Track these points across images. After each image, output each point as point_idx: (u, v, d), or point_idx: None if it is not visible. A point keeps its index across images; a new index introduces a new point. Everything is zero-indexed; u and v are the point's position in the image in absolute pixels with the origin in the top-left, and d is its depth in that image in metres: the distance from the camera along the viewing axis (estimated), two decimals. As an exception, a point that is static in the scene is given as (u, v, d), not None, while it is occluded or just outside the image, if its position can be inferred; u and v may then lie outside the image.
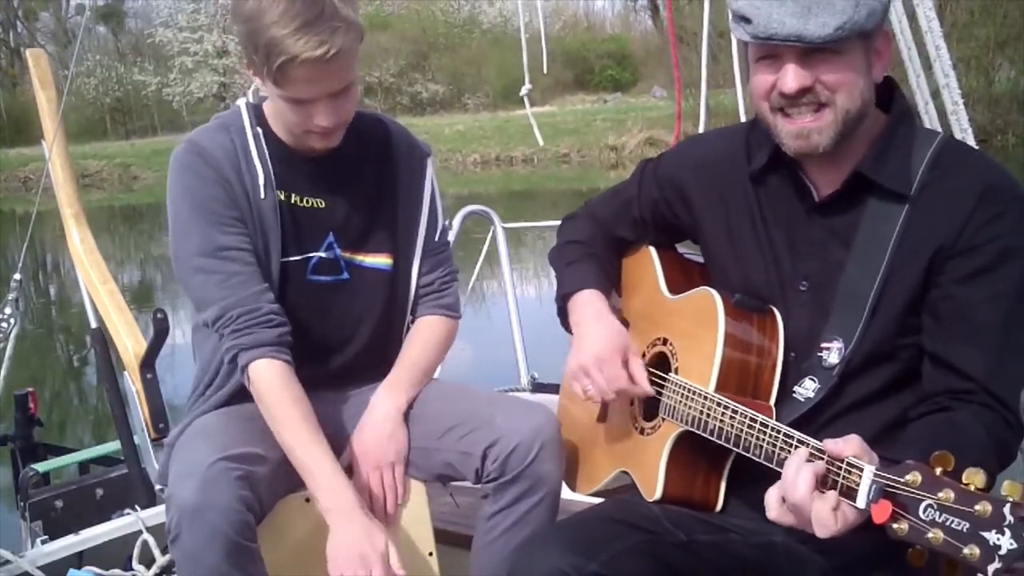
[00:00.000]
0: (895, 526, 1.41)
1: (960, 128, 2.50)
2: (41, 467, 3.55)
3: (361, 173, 2.20)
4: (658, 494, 1.85)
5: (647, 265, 2.08)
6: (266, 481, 1.95)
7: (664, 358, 1.94)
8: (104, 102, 36.60)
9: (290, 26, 1.87)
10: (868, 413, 1.77)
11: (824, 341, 1.76)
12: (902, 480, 1.42)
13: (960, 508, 1.36)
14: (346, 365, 2.23)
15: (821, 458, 1.53)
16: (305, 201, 2.15)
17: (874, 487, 1.45)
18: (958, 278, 1.70)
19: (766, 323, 1.83)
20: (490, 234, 4.04)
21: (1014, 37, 20.64)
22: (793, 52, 1.68)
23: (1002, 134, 20.14)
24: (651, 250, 2.08)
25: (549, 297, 2.18)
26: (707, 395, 1.77)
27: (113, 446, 3.57)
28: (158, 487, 2.41)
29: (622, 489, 2.01)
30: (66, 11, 40.20)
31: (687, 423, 1.81)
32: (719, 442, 1.76)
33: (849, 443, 1.51)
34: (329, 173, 2.17)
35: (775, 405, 1.79)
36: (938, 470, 1.40)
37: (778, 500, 1.55)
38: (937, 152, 1.76)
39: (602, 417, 2.11)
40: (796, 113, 1.72)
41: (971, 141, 2.46)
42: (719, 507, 1.87)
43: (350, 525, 1.97)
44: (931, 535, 1.37)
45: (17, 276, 3.34)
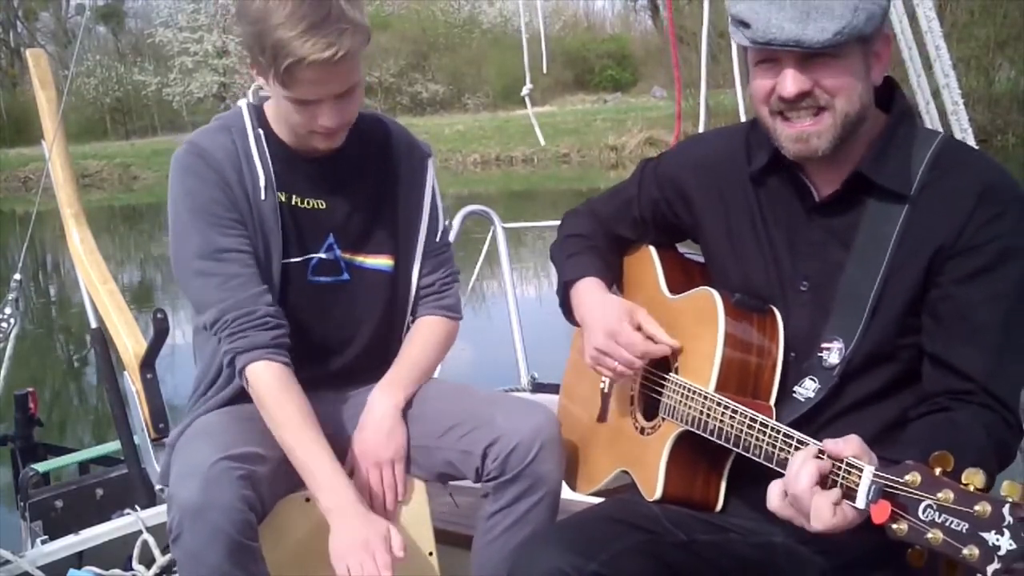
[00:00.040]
0: (894, 526, 1.41)
1: (960, 128, 2.50)
2: (41, 467, 3.55)
3: (362, 174, 2.20)
4: (658, 494, 1.85)
5: (647, 264, 2.08)
6: (267, 480, 1.95)
7: (664, 358, 1.94)
8: (104, 102, 36.60)
9: (297, 28, 1.88)
10: (868, 413, 1.77)
11: (824, 341, 1.76)
12: (901, 480, 1.42)
13: (959, 508, 1.36)
14: (346, 366, 2.23)
15: (820, 458, 1.53)
16: (306, 202, 2.15)
17: (873, 487, 1.45)
18: (958, 278, 1.70)
19: (766, 323, 1.83)
20: (490, 234, 4.03)
21: (1014, 37, 20.64)
22: (792, 57, 1.68)
23: (1002, 134, 20.13)
24: (651, 250, 2.09)
25: (549, 297, 2.18)
26: (707, 395, 1.78)
27: (113, 446, 3.57)
28: (158, 487, 2.41)
29: (622, 489, 2.01)
30: (66, 11, 40.24)
31: (687, 423, 1.81)
32: (719, 442, 1.76)
33: (849, 443, 1.51)
34: (330, 174, 2.17)
35: (775, 405, 1.79)
36: (937, 470, 1.40)
37: (780, 493, 1.55)
38: (937, 152, 1.76)
39: (602, 417, 2.11)
40: (795, 117, 1.72)
41: (971, 141, 2.46)
42: (719, 507, 1.87)
43: (351, 521, 1.97)
44: (930, 535, 1.38)
45: (17, 276, 3.34)
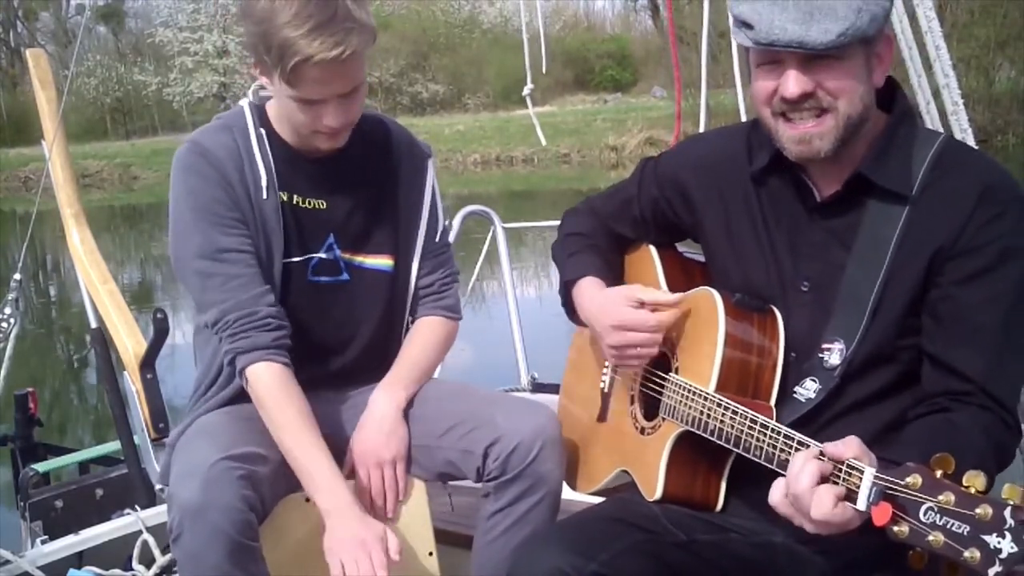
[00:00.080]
0: (895, 529, 1.41)
1: (960, 128, 2.50)
2: (41, 467, 3.55)
3: (363, 174, 2.20)
4: (658, 494, 1.85)
5: (647, 264, 2.07)
6: (268, 480, 1.95)
7: (664, 358, 1.94)
8: (104, 102, 36.61)
9: (303, 27, 1.88)
10: (868, 414, 1.77)
11: (825, 342, 1.76)
12: (902, 482, 1.42)
13: (961, 511, 1.36)
14: (346, 366, 2.23)
15: (821, 460, 1.52)
16: (307, 202, 2.15)
17: (874, 489, 1.45)
18: (958, 279, 1.69)
19: (766, 323, 1.83)
20: (490, 234, 4.03)
21: (1014, 37, 20.65)
22: (795, 58, 1.68)
23: (1002, 134, 20.14)
24: (651, 249, 2.08)
25: (549, 297, 2.19)
26: (707, 395, 1.77)
27: (113, 446, 3.58)
28: (159, 487, 2.41)
29: (622, 488, 2.01)
30: (66, 11, 40.26)
31: (687, 423, 1.81)
32: (719, 443, 1.76)
33: (848, 445, 1.51)
34: (331, 174, 2.17)
35: (775, 405, 1.79)
36: (938, 473, 1.40)
37: (783, 491, 1.55)
38: (938, 153, 1.76)
39: (602, 416, 2.11)
40: (798, 118, 1.72)
41: (971, 141, 2.46)
42: (719, 507, 1.87)
43: (348, 522, 1.97)
44: (931, 538, 1.37)
45: (17, 276, 3.34)
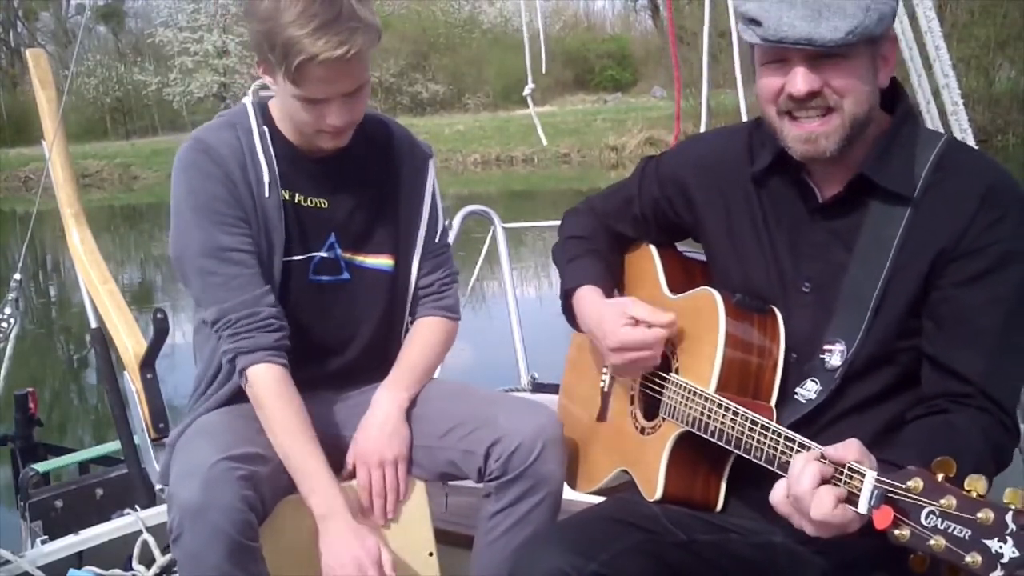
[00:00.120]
0: (896, 532, 1.40)
1: (960, 128, 2.49)
2: (41, 467, 3.55)
3: (364, 174, 2.20)
4: (658, 494, 1.85)
5: (648, 263, 2.07)
6: (268, 481, 1.95)
7: (665, 357, 1.94)
8: (104, 102, 36.60)
9: (308, 26, 1.88)
10: (869, 415, 1.76)
11: (826, 343, 1.76)
12: (904, 486, 1.41)
13: (962, 515, 1.35)
14: (346, 365, 2.23)
15: (822, 463, 1.52)
16: (309, 201, 2.15)
17: (876, 493, 1.44)
18: (959, 281, 1.69)
19: (767, 323, 1.83)
20: (490, 234, 4.03)
21: (1014, 37, 20.64)
22: (802, 56, 1.68)
23: (1002, 134, 20.14)
24: (652, 249, 2.08)
25: (549, 297, 2.19)
26: (708, 396, 1.77)
27: (113, 446, 3.57)
28: (159, 487, 2.41)
29: (622, 488, 2.01)
30: (66, 11, 40.25)
31: (688, 424, 1.81)
32: (719, 444, 1.75)
33: (849, 448, 1.51)
34: (333, 173, 2.17)
35: (776, 406, 1.79)
36: (940, 476, 1.39)
37: (784, 492, 1.55)
38: (940, 154, 1.76)
39: (602, 416, 2.11)
40: (804, 117, 1.71)
41: (971, 141, 2.45)
42: (719, 507, 1.87)
43: (344, 531, 1.98)
44: (933, 542, 1.37)
45: (17, 276, 3.34)
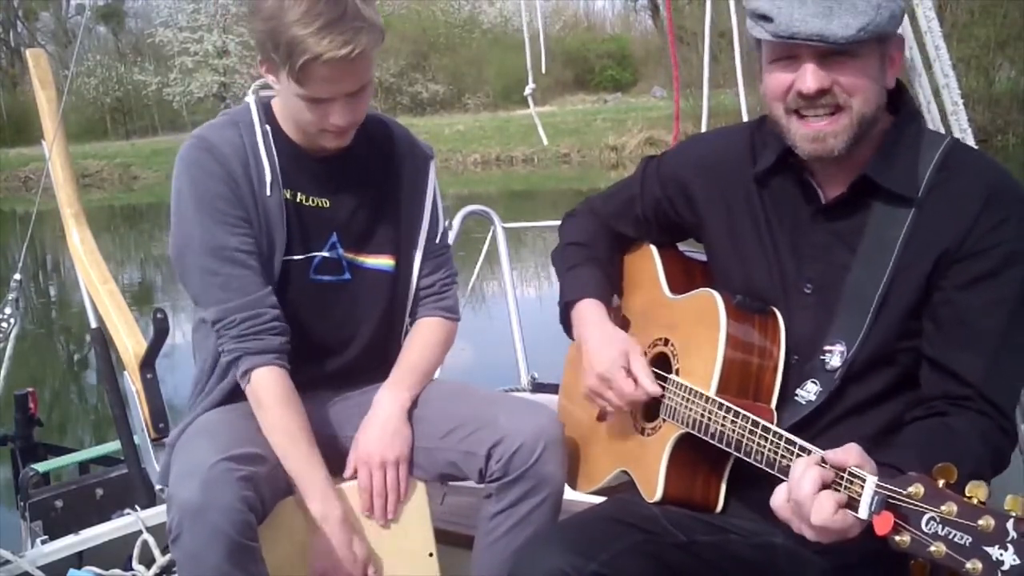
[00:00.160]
0: (897, 538, 1.40)
1: (960, 128, 2.49)
2: (41, 467, 3.55)
3: (366, 174, 2.20)
4: (658, 495, 1.85)
5: (648, 263, 2.07)
6: (267, 481, 1.95)
7: (665, 358, 1.94)
8: (104, 102, 36.60)
9: (313, 25, 1.88)
10: (868, 416, 1.76)
11: (827, 344, 1.76)
12: (904, 492, 1.41)
13: (963, 522, 1.35)
14: (346, 366, 2.23)
15: (823, 467, 1.52)
16: (310, 200, 2.15)
17: (876, 498, 1.44)
18: (961, 283, 1.69)
19: (767, 325, 1.83)
20: (490, 234, 4.03)
21: (1014, 37, 20.64)
22: (812, 53, 1.68)
23: (1002, 134, 20.13)
24: (652, 248, 2.08)
25: (549, 297, 2.19)
26: (709, 398, 1.77)
27: (113, 446, 3.57)
28: (158, 487, 2.41)
29: (622, 487, 2.00)
30: (66, 11, 40.26)
31: (688, 425, 1.81)
32: (720, 446, 1.75)
33: (849, 453, 1.50)
34: (336, 173, 2.16)
35: (776, 408, 1.79)
36: (940, 482, 1.39)
37: (785, 496, 1.55)
38: (944, 155, 1.75)
39: (602, 416, 2.11)
40: (812, 115, 1.71)
41: (971, 141, 2.45)
42: (719, 508, 1.87)
43: (337, 535, 2.02)
44: (933, 548, 1.37)
45: (17, 276, 3.33)
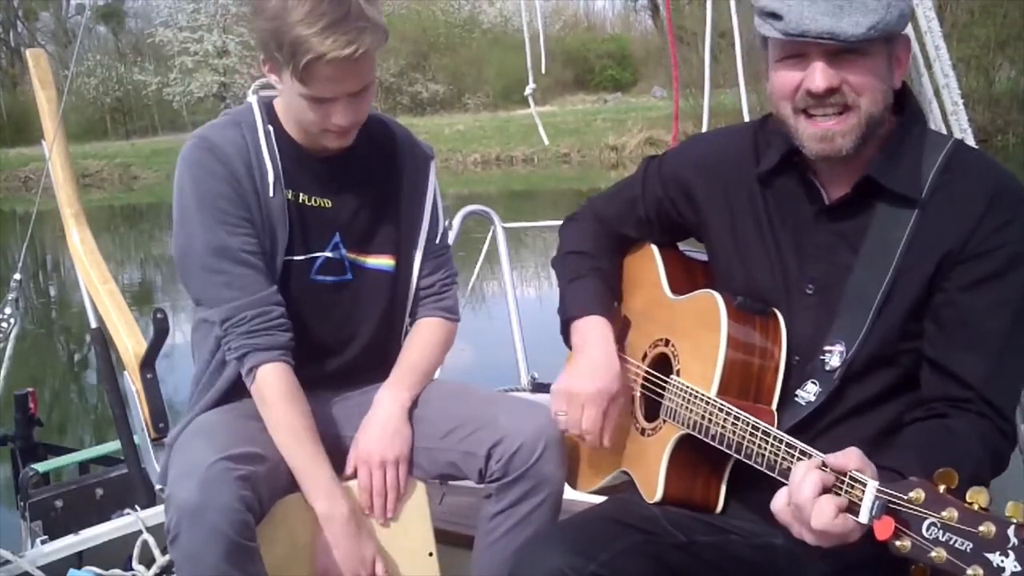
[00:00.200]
0: (898, 543, 1.40)
1: (960, 128, 2.48)
2: (41, 467, 3.55)
3: (368, 174, 2.20)
4: (658, 496, 1.85)
5: (649, 263, 2.07)
6: (266, 481, 1.95)
7: (666, 359, 1.93)
8: (104, 102, 36.60)
9: (316, 25, 1.88)
10: (868, 418, 1.76)
11: (827, 344, 1.76)
12: (905, 497, 1.41)
13: (964, 528, 1.35)
14: (346, 365, 2.23)
15: (824, 470, 1.52)
16: (312, 200, 2.15)
17: (877, 503, 1.44)
18: (964, 284, 1.69)
19: (768, 326, 1.82)
20: (490, 234, 4.03)
21: (1014, 37, 20.64)
22: (821, 51, 1.67)
23: (1002, 134, 20.13)
24: (653, 248, 2.08)
25: (549, 297, 2.18)
26: (709, 400, 1.77)
27: (113, 446, 3.57)
28: (159, 487, 2.41)
29: (622, 487, 2.00)
30: (66, 11, 40.25)
31: (688, 427, 1.81)
32: (720, 448, 1.75)
33: (850, 457, 1.50)
34: (337, 173, 2.16)
35: (777, 409, 1.78)
36: (942, 488, 1.39)
37: (785, 500, 1.55)
38: (948, 156, 1.75)
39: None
40: (820, 115, 1.71)
41: (971, 141, 2.45)
42: (719, 509, 1.87)
43: (345, 533, 2.01)
44: (934, 554, 1.37)
45: (17, 276, 3.33)
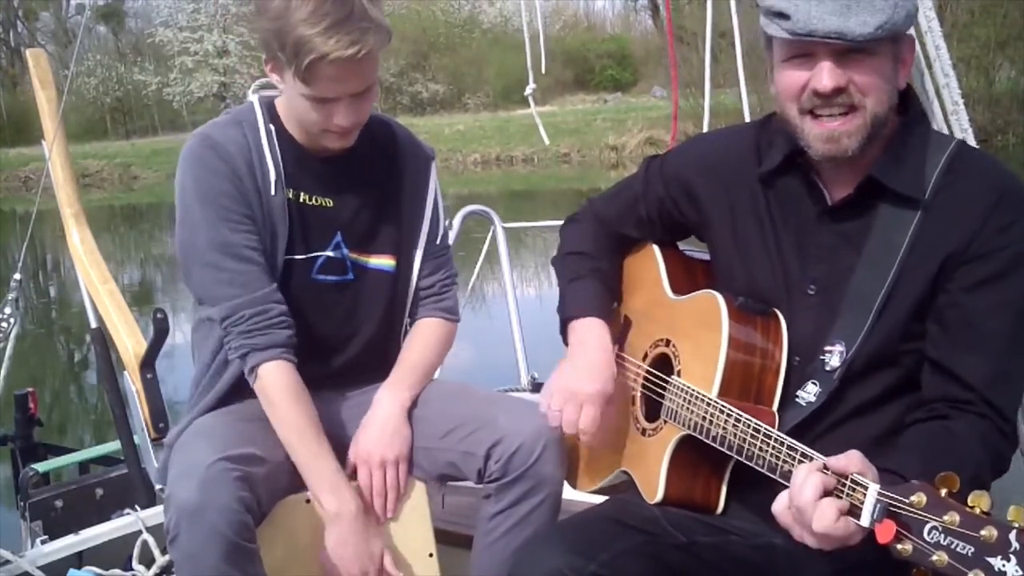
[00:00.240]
0: (899, 547, 1.40)
1: (960, 128, 2.48)
2: (41, 467, 3.55)
3: (369, 174, 2.20)
4: (659, 497, 1.85)
5: (650, 263, 2.07)
6: (265, 482, 1.95)
7: (666, 359, 1.93)
8: (104, 102, 36.61)
9: (319, 25, 1.88)
10: (869, 419, 1.76)
11: (827, 344, 1.75)
12: (907, 500, 1.41)
13: (965, 532, 1.35)
14: (346, 365, 2.23)
15: (825, 473, 1.52)
16: (314, 200, 2.15)
17: (878, 506, 1.44)
18: (967, 285, 1.69)
19: (769, 326, 1.82)
20: (490, 234, 4.02)
21: (1014, 37, 20.65)
22: (828, 51, 1.67)
23: (1002, 134, 20.14)
24: (654, 248, 2.07)
25: (549, 297, 2.18)
26: (710, 401, 1.76)
27: (113, 446, 3.57)
28: (159, 487, 2.41)
29: (622, 487, 2.00)
30: (66, 11, 40.25)
31: (689, 428, 1.80)
32: (721, 449, 1.75)
33: (851, 459, 1.50)
34: (339, 173, 2.16)
35: (778, 409, 1.78)
36: (943, 491, 1.39)
37: (786, 503, 1.54)
38: (952, 157, 1.75)
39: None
40: (826, 115, 1.70)
41: (971, 141, 2.45)
42: (720, 509, 1.87)
43: (353, 531, 2.00)
44: (935, 558, 1.36)
45: (17, 276, 3.33)
